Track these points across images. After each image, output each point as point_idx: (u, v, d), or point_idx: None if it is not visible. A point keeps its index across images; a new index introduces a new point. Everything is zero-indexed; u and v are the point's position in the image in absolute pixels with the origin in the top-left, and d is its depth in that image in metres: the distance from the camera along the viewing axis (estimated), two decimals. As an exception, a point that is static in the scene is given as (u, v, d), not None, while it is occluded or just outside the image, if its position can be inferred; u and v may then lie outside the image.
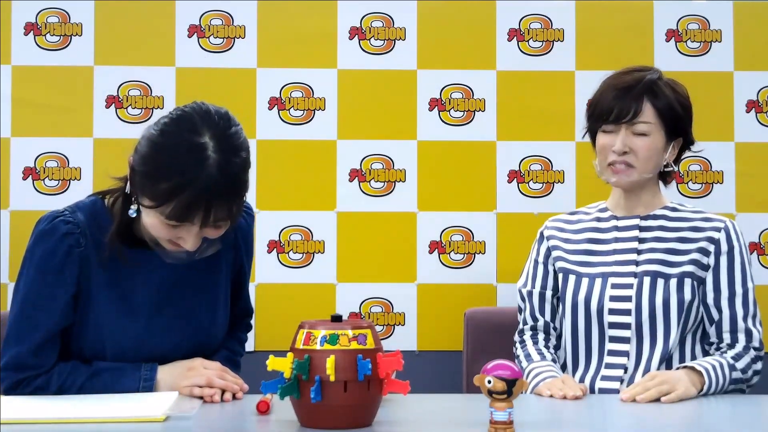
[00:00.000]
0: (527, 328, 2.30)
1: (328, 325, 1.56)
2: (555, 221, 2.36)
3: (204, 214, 1.75)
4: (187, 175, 1.73)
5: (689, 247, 2.19)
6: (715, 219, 2.22)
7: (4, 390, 1.89)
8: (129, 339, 1.92)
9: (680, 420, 1.81)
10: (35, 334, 1.88)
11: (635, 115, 2.17)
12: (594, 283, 2.20)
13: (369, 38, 3.15)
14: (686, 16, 3.17)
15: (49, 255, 1.88)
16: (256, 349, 3.00)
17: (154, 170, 1.76)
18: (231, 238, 2.03)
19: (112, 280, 1.91)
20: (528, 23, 3.16)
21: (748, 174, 3.14)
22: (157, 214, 1.78)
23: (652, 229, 2.22)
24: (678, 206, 2.27)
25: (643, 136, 2.17)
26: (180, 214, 1.75)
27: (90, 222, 1.91)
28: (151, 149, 1.78)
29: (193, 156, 1.74)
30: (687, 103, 2.24)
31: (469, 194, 3.12)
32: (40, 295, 1.88)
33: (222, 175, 1.74)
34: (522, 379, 1.48)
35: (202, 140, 1.75)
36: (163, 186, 1.74)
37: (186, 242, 1.81)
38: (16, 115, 3.07)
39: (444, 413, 1.79)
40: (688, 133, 2.25)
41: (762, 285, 3.12)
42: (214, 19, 3.13)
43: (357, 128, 3.13)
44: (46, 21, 3.10)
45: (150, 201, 1.77)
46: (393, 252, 3.11)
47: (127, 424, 1.60)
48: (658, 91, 2.19)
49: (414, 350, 3.09)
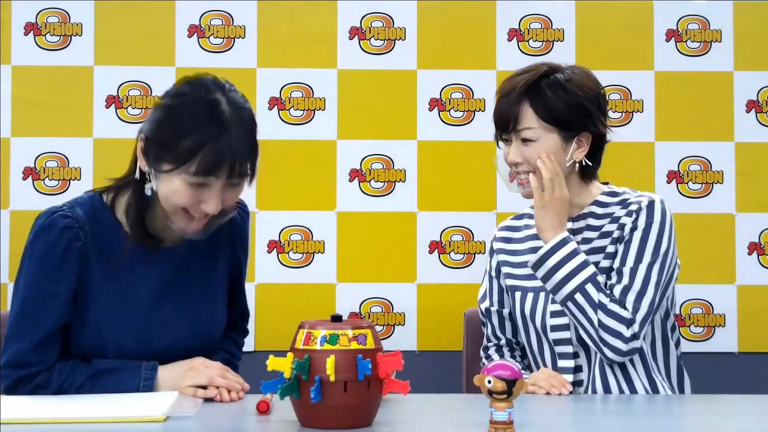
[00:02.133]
0: (491, 345, 2.27)
1: (328, 325, 1.56)
2: (502, 230, 2.31)
3: (229, 165, 1.79)
4: (210, 128, 1.79)
5: (606, 242, 2.10)
6: (632, 202, 2.10)
7: (4, 388, 1.89)
8: (129, 333, 1.92)
9: (680, 420, 1.81)
10: (36, 331, 1.88)
11: (516, 122, 2.07)
12: (538, 298, 2.14)
13: (369, 38, 3.15)
14: (686, 16, 3.17)
15: (48, 249, 1.88)
16: (256, 349, 3.00)
17: (175, 130, 1.80)
18: (227, 233, 2.05)
19: (111, 275, 1.92)
20: (528, 23, 3.16)
21: (748, 174, 3.14)
22: (181, 176, 1.80)
23: (581, 230, 2.14)
24: (610, 195, 2.15)
25: (530, 143, 2.07)
26: (206, 167, 1.78)
27: (89, 217, 1.91)
28: (167, 113, 1.84)
29: (210, 110, 1.80)
30: (577, 98, 2.08)
31: (469, 194, 3.12)
32: (40, 291, 1.89)
33: (239, 126, 1.81)
34: (522, 379, 1.47)
35: (216, 96, 1.82)
36: (185, 143, 1.78)
37: (209, 204, 1.82)
38: (16, 115, 3.07)
39: (444, 413, 1.79)
40: (588, 125, 2.10)
41: (762, 285, 3.12)
42: (214, 19, 3.13)
43: (357, 128, 3.13)
44: (46, 21, 3.10)
45: (172, 164, 1.80)
46: (393, 252, 3.11)
47: (127, 424, 1.60)
48: (537, 93, 2.07)
49: (414, 350, 3.09)
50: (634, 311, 2.02)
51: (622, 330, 2.00)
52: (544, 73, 2.10)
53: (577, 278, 2.02)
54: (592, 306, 2.01)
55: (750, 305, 3.12)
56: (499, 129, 2.13)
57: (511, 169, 2.14)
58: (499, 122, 2.12)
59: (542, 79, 2.09)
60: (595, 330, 2.02)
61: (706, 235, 3.12)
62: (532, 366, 2.21)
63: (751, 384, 3.03)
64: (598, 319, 2.01)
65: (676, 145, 3.14)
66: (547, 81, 2.09)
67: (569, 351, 2.10)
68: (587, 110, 2.10)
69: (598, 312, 2.01)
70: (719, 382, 2.38)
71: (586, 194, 2.17)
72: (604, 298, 2.01)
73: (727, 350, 3.11)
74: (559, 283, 2.03)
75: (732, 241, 3.12)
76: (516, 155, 2.10)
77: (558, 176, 2.07)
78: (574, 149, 2.10)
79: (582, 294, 2.02)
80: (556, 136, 2.08)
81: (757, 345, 3.11)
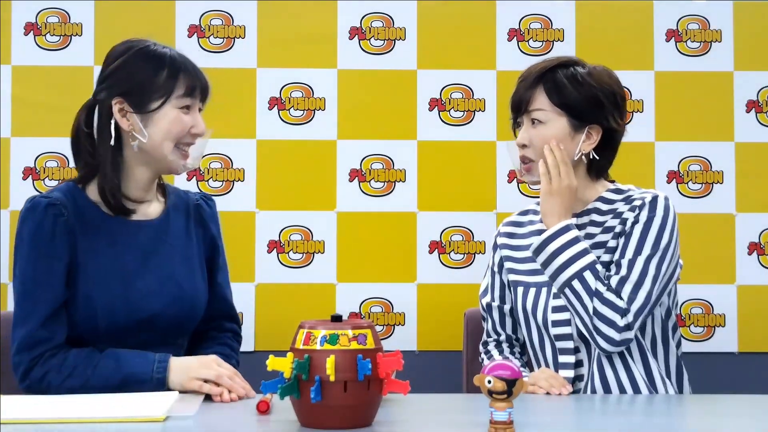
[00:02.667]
0: (491, 341, 2.28)
1: (328, 325, 1.56)
2: (507, 225, 2.31)
3: (201, 87, 2.04)
4: (171, 61, 2.02)
5: (608, 237, 2.11)
6: (636, 198, 2.11)
7: (21, 374, 1.92)
8: (118, 300, 1.97)
9: (680, 420, 1.81)
10: (41, 310, 1.93)
11: (528, 102, 2.12)
12: (540, 293, 2.15)
13: (369, 38, 3.15)
14: (686, 16, 3.17)
15: (37, 228, 1.96)
16: (256, 349, 3.00)
17: (148, 71, 2.00)
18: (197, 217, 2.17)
19: (94, 247, 1.99)
20: (528, 23, 3.16)
21: (748, 174, 3.14)
22: (171, 104, 2.00)
23: (585, 225, 2.15)
24: (614, 192, 2.17)
25: (539, 125, 2.12)
26: (189, 88, 2.01)
27: (67, 198, 2.00)
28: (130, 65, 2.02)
29: (158, 52, 2.03)
30: (592, 88, 2.11)
31: (469, 194, 3.12)
32: (38, 270, 1.95)
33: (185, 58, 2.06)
34: (522, 379, 1.47)
35: (149, 44, 2.06)
36: (162, 75, 2.00)
37: (197, 126, 2.04)
38: (16, 115, 3.07)
39: (444, 413, 1.79)
40: (600, 118, 2.12)
41: (762, 285, 3.12)
42: (214, 19, 3.13)
43: (357, 128, 3.13)
44: (46, 21, 3.10)
45: (161, 96, 2.00)
46: (393, 252, 3.11)
47: (127, 424, 1.60)
48: (552, 78, 2.12)
49: (414, 350, 3.09)
50: (629, 302, 2.02)
51: (615, 319, 2.01)
52: (564, 63, 2.16)
53: (575, 265, 2.03)
54: (588, 293, 2.02)
55: (750, 305, 3.12)
56: (514, 112, 2.17)
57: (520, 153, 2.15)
58: (514, 105, 2.17)
59: (560, 67, 2.15)
60: (590, 318, 2.02)
61: (706, 235, 3.12)
62: (531, 362, 2.21)
63: (751, 384, 3.03)
64: (593, 306, 2.01)
65: (676, 145, 3.14)
66: (564, 70, 2.14)
67: (570, 346, 2.10)
68: (600, 102, 2.12)
69: (593, 299, 2.02)
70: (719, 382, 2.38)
71: (591, 190, 2.18)
72: (600, 286, 2.02)
73: (727, 350, 3.11)
74: (558, 269, 2.04)
75: (732, 241, 3.12)
76: (524, 137, 2.13)
77: (566, 165, 2.09)
78: (582, 140, 2.12)
79: (579, 281, 2.02)
80: (565, 122, 2.11)
81: (757, 345, 3.11)
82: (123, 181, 2.04)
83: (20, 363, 1.92)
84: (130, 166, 2.04)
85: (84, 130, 2.04)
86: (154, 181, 2.09)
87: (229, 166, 3.10)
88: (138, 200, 2.05)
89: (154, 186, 2.10)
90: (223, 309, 2.20)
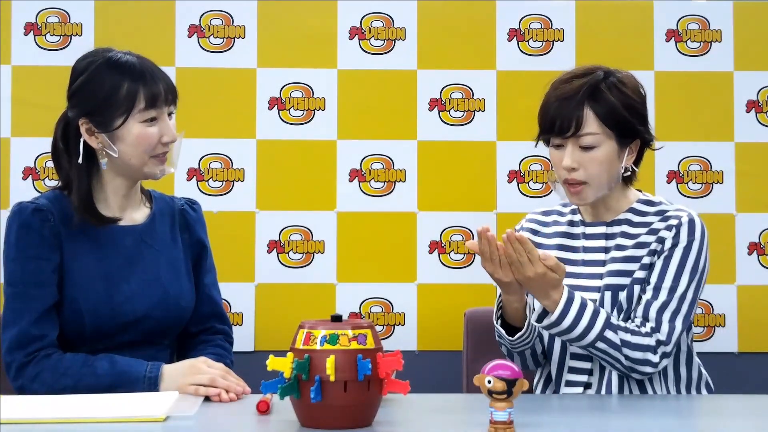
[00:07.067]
0: None
1: (328, 325, 1.56)
2: (530, 222, 2.27)
3: (164, 93, 2.00)
4: (131, 72, 1.99)
5: (642, 252, 2.08)
6: (672, 216, 2.09)
7: (13, 374, 1.93)
8: (103, 303, 1.98)
9: (680, 420, 1.81)
10: (32, 309, 1.95)
11: (578, 127, 2.02)
12: None
13: (369, 38, 3.15)
14: (686, 16, 3.17)
15: (24, 230, 1.98)
16: (256, 349, 3.01)
17: (108, 88, 1.98)
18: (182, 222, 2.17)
19: (79, 252, 2.00)
20: (528, 23, 3.16)
21: (748, 174, 3.14)
22: (135, 119, 1.98)
23: (615, 236, 2.12)
24: (645, 204, 2.15)
25: (591, 150, 2.04)
26: (151, 99, 1.98)
27: (53, 204, 2.02)
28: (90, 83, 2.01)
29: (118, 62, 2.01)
30: (634, 102, 2.07)
31: (469, 194, 3.12)
32: (26, 270, 1.96)
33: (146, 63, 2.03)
34: (522, 378, 1.48)
35: (110, 54, 2.03)
36: (123, 91, 1.97)
37: (167, 134, 2.02)
38: (16, 115, 3.07)
39: (444, 413, 1.79)
40: (642, 132, 2.10)
41: (762, 285, 3.12)
42: (214, 19, 3.13)
43: (357, 128, 3.13)
44: (46, 21, 3.10)
45: (123, 113, 1.97)
46: (393, 252, 3.11)
47: (127, 424, 1.60)
48: (600, 97, 2.04)
49: (414, 350, 3.09)
50: (670, 331, 2.02)
51: (649, 358, 2.01)
52: (604, 76, 2.08)
53: (594, 329, 1.99)
54: (615, 348, 2.00)
55: (750, 305, 3.12)
56: (558, 134, 2.06)
57: (563, 176, 2.08)
58: (558, 127, 2.05)
59: (603, 81, 2.07)
60: (623, 366, 2.02)
61: (706, 235, 3.11)
62: (538, 356, 2.20)
63: (751, 384, 3.03)
64: (624, 355, 2.00)
65: (676, 145, 3.14)
66: (608, 83, 2.07)
67: (581, 351, 2.08)
68: (641, 114, 2.09)
69: (622, 350, 2.00)
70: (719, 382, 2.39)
71: (623, 200, 2.15)
72: (624, 335, 2.00)
73: (727, 350, 3.11)
74: (577, 337, 2.00)
75: (732, 241, 3.12)
76: (572, 161, 2.05)
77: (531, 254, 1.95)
78: (627, 157, 2.09)
79: (603, 341, 2.00)
80: (614, 143, 2.06)
81: (757, 345, 3.11)
82: (101, 191, 2.05)
83: (12, 361, 1.93)
84: (107, 178, 2.05)
85: (60, 146, 2.06)
86: (133, 188, 2.09)
87: (229, 166, 3.10)
88: (119, 208, 2.07)
89: (136, 193, 2.11)
90: (210, 309, 2.19)
